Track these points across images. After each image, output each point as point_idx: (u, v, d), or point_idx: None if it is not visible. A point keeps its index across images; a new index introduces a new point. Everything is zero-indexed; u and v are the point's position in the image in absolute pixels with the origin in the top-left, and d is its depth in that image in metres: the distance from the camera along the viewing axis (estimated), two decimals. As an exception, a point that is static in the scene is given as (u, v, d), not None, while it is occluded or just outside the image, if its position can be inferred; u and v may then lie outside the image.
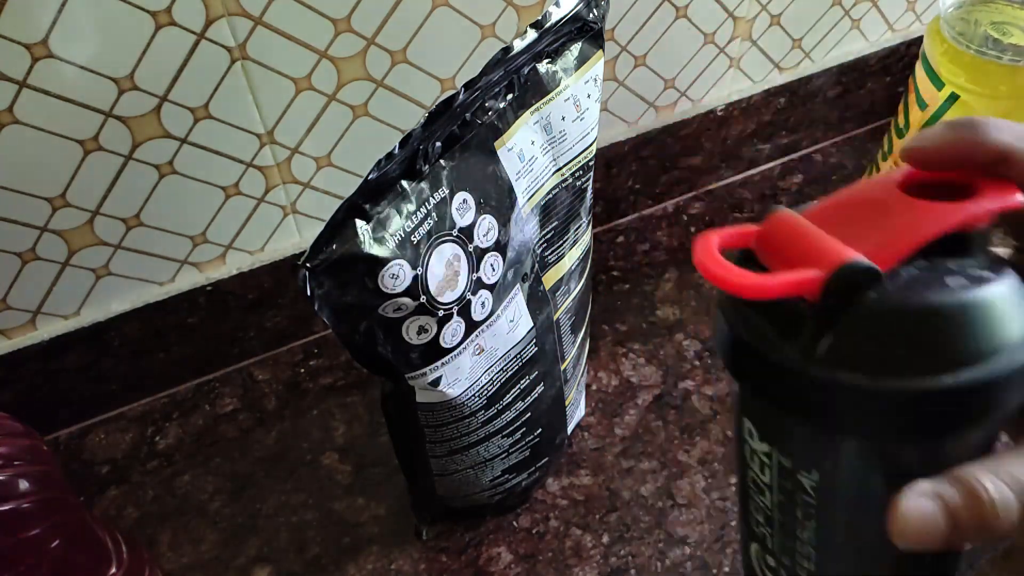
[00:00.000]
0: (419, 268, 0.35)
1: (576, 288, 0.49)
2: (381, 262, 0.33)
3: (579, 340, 0.52)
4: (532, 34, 0.37)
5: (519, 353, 0.44)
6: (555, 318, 0.47)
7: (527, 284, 0.43)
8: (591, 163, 0.44)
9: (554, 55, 0.39)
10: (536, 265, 0.44)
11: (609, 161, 0.70)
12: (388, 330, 0.37)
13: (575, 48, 0.40)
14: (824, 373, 0.18)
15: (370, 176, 0.33)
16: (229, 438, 0.61)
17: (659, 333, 0.67)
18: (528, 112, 0.39)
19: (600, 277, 0.71)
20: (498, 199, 0.39)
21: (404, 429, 0.45)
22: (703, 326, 0.67)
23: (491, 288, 0.40)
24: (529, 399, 0.47)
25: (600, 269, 0.72)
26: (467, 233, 0.37)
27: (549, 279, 0.45)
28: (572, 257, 0.47)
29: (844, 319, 0.18)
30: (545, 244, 0.44)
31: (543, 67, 0.39)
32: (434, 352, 0.39)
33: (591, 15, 0.40)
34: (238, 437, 0.61)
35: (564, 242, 0.45)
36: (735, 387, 0.23)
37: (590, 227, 0.48)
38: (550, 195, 0.43)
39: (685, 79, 0.69)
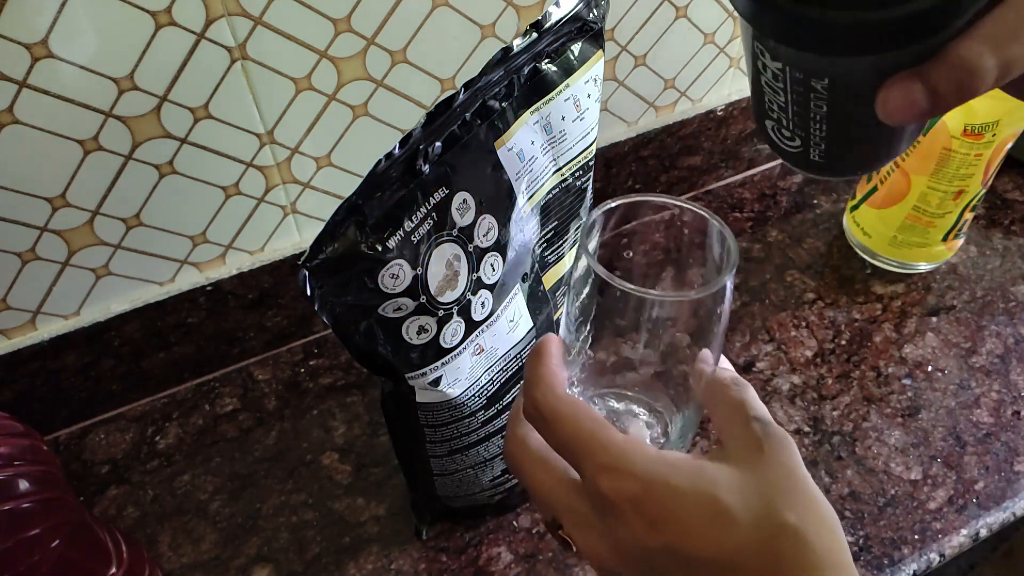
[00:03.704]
0: (419, 268, 0.35)
1: (576, 288, 0.49)
2: (381, 262, 0.33)
3: (579, 340, 0.52)
4: (532, 34, 0.37)
5: (519, 353, 0.44)
6: (555, 318, 0.47)
7: (527, 284, 0.43)
8: (591, 163, 0.44)
9: (554, 55, 0.39)
10: (536, 265, 0.44)
11: (609, 161, 0.70)
12: (388, 330, 0.37)
13: (575, 48, 0.40)
14: (833, 13, 0.21)
15: (370, 176, 0.33)
16: (229, 438, 0.61)
17: (659, 333, 0.67)
18: (528, 112, 0.39)
19: (600, 277, 0.71)
20: (498, 199, 0.39)
21: (404, 429, 0.45)
22: (703, 326, 0.67)
23: (491, 288, 0.40)
24: (529, 399, 0.47)
25: (600, 269, 0.72)
26: (467, 233, 0.37)
27: (549, 279, 0.45)
28: (572, 257, 0.47)
29: None
30: (545, 244, 0.44)
31: (543, 67, 0.39)
32: (434, 352, 0.39)
33: (591, 15, 0.40)
34: (238, 437, 0.61)
35: (564, 242, 0.45)
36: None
37: (590, 227, 0.48)
38: (550, 195, 0.43)
39: (685, 79, 0.69)
